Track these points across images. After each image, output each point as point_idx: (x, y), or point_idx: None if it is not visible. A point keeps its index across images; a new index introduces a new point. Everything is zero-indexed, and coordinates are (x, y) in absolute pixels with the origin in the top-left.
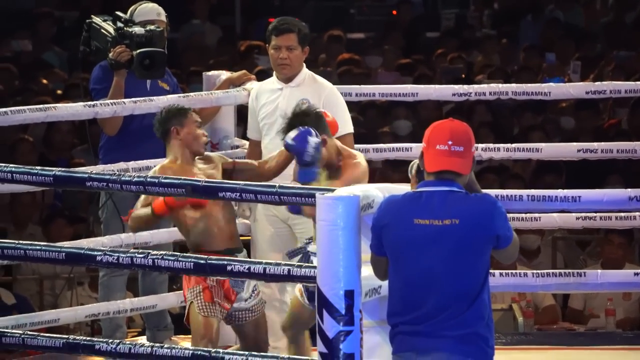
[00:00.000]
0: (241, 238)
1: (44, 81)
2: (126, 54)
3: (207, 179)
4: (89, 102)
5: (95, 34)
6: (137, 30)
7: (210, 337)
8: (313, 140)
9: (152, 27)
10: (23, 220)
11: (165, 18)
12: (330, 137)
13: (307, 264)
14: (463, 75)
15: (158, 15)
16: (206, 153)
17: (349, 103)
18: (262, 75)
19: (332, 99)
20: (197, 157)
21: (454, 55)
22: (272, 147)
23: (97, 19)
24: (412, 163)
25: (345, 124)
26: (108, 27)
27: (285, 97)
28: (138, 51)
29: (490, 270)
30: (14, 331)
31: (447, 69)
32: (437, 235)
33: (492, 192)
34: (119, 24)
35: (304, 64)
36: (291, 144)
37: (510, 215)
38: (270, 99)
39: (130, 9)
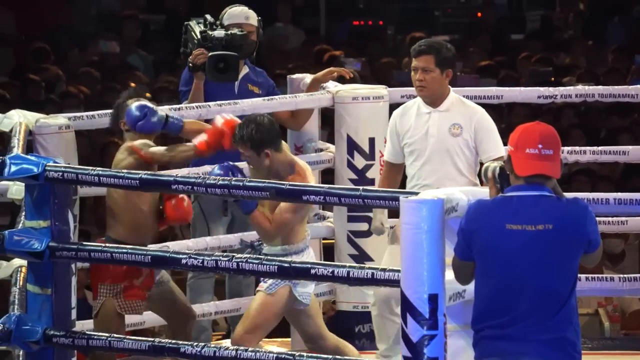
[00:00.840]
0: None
1: (132, 84)
2: (203, 56)
3: (290, 182)
4: (175, 105)
5: (189, 36)
6: (217, 33)
7: (117, 331)
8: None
9: (235, 30)
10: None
11: (255, 21)
12: (280, 150)
13: (391, 268)
14: (553, 79)
15: (246, 18)
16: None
17: None
18: (351, 80)
19: (483, 124)
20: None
21: (537, 57)
22: (422, 173)
23: (192, 22)
24: (484, 167)
25: (497, 148)
26: (197, 30)
27: (435, 122)
28: (210, 54)
29: (578, 274)
30: (100, 334)
31: (535, 72)
32: (530, 241)
33: (578, 195)
34: (205, 27)
35: (450, 87)
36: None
37: (596, 219)
38: (418, 123)
39: (223, 12)
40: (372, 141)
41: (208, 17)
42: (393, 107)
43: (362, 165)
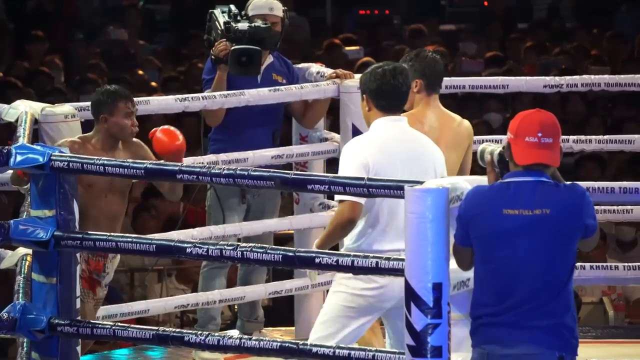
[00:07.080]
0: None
1: (140, 72)
2: (225, 50)
3: (295, 172)
4: (179, 96)
5: (213, 24)
6: (241, 25)
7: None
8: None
9: (259, 22)
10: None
11: (280, 12)
12: None
13: (395, 257)
14: (563, 67)
15: (270, 10)
16: (137, 141)
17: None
18: (360, 68)
19: None
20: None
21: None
22: None
23: (217, 11)
24: (480, 149)
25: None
26: (221, 20)
27: None
28: (232, 48)
29: (582, 263)
30: (104, 322)
31: (547, 61)
32: (527, 226)
33: (582, 184)
34: (229, 18)
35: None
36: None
37: (602, 207)
38: None
39: (248, 2)
40: None
41: (232, 7)
42: None
43: None
